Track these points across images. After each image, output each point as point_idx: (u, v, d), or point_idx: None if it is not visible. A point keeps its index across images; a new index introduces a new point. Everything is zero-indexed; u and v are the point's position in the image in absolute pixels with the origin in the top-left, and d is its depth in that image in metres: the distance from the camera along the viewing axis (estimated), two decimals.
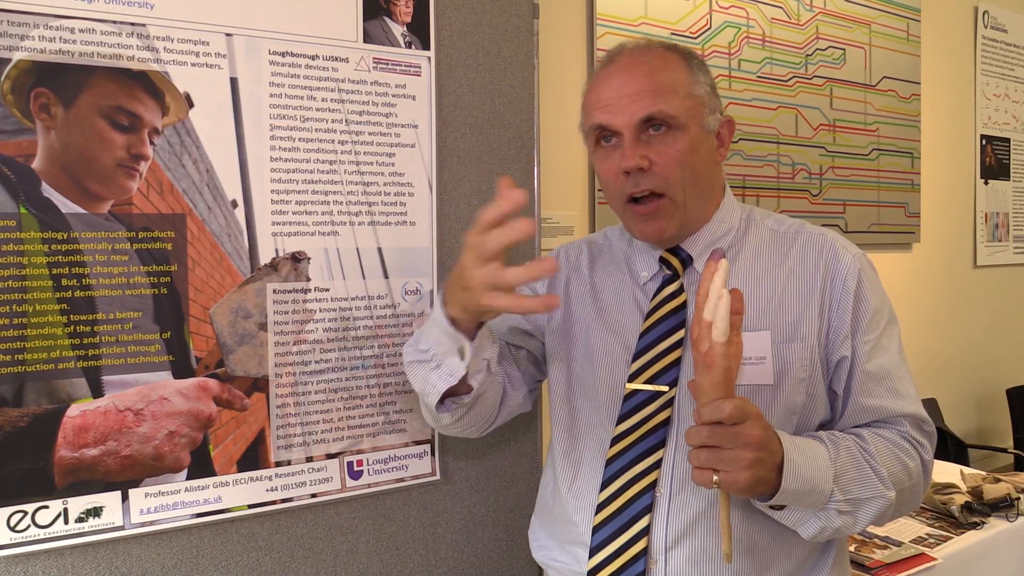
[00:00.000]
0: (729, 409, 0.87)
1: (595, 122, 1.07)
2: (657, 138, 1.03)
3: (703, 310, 0.89)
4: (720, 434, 0.88)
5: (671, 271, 1.11)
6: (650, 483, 1.03)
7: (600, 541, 1.04)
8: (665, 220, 1.05)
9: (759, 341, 1.04)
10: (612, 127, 1.05)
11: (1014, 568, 1.94)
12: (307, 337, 1.31)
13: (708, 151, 1.08)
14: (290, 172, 1.29)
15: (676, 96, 1.03)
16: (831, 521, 0.97)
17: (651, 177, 1.03)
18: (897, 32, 2.82)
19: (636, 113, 1.02)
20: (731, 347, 0.88)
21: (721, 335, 0.87)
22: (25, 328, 1.09)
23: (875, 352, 1.05)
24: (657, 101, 1.02)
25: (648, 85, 1.03)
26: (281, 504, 1.30)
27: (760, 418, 0.91)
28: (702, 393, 0.90)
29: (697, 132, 1.05)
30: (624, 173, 1.03)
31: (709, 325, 0.88)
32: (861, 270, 1.07)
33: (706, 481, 0.89)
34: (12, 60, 1.08)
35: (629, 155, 1.02)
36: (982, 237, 3.28)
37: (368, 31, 1.36)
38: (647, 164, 1.02)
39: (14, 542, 1.09)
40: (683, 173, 1.04)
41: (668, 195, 1.04)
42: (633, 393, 1.06)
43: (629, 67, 1.06)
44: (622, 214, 1.10)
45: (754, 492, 0.92)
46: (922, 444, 1.07)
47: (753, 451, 0.88)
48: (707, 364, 0.88)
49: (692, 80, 1.06)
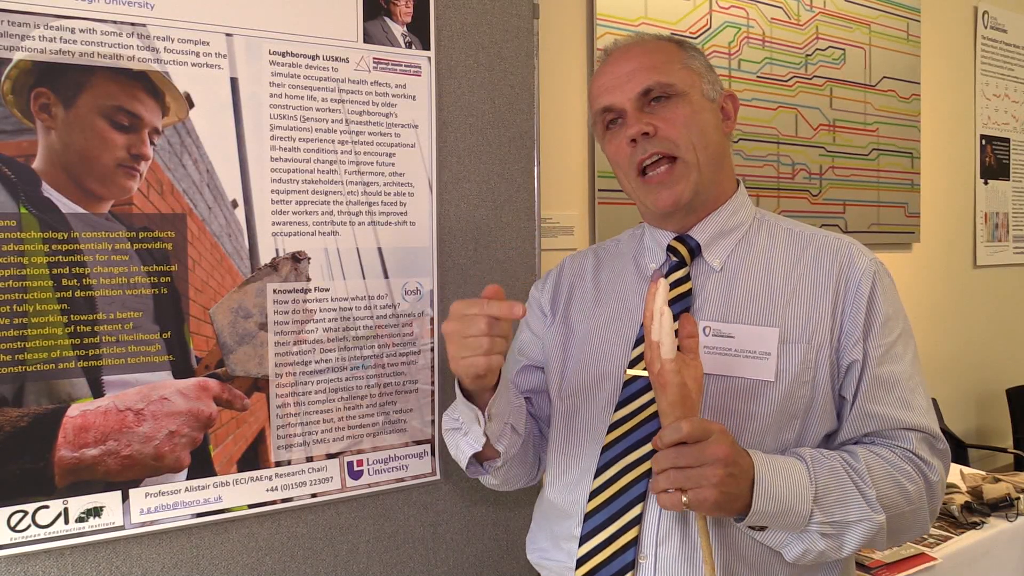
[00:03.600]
0: (687, 428, 0.87)
1: (598, 106, 1.10)
2: (659, 107, 1.06)
3: (651, 333, 0.89)
4: (685, 454, 0.87)
5: (678, 259, 1.10)
6: (645, 471, 1.01)
7: (591, 529, 1.03)
8: (681, 183, 1.06)
9: (767, 337, 1.03)
10: (614, 106, 1.07)
11: (1014, 568, 1.94)
12: (307, 337, 1.31)
13: (713, 119, 1.10)
14: (290, 172, 1.29)
15: (671, 68, 1.07)
16: (814, 544, 0.94)
17: (657, 141, 1.05)
18: (897, 32, 2.82)
19: (635, 87, 1.06)
20: (687, 368, 0.89)
21: (668, 352, 0.88)
22: (25, 328, 1.09)
23: (887, 358, 1.03)
24: (653, 74, 1.06)
25: (643, 62, 1.07)
26: (281, 504, 1.30)
27: (726, 434, 0.90)
28: (663, 415, 0.90)
29: (698, 99, 1.08)
30: (631, 142, 1.05)
31: (659, 345, 0.88)
32: (876, 275, 1.05)
33: (675, 503, 0.88)
34: (12, 60, 1.08)
35: (632, 122, 1.05)
36: (982, 237, 3.28)
37: (368, 31, 1.36)
38: (652, 129, 1.04)
39: (14, 542, 1.09)
40: (690, 133, 1.05)
41: (680, 156, 1.05)
42: (633, 380, 1.06)
43: (624, 52, 1.10)
44: (636, 191, 1.10)
45: (726, 511, 0.91)
46: (929, 464, 1.01)
47: (722, 467, 0.87)
48: (661, 384, 0.89)
49: (686, 55, 1.10)
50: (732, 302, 1.06)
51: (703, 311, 1.07)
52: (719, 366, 1.03)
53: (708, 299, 1.07)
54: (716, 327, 1.05)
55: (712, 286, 1.08)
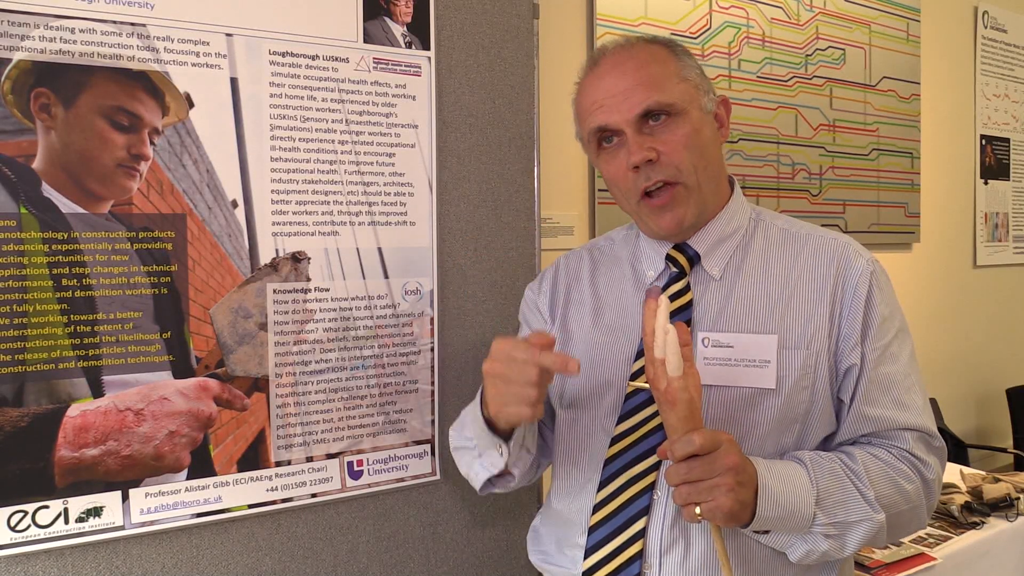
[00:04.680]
0: (699, 440, 0.87)
1: (594, 125, 1.05)
2: (659, 128, 1.02)
3: (653, 350, 0.89)
4: (697, 466, 0.88)
5: (678, 268, 1.09)
6: (648, 485, 1.02)
7: (596, 542, 1.03)
8: (682, 208, 1.04)
9: (766, 344, 1.02)
10: (612, 126, 1.03)
11: (1014, 568, 1.94)
12: (307, 337, 1.31)
13: (711, 132, 1.07)
14: (290, 172, 1.29)
15: (669, 83, 1.03)
16: (818, 544, 0.96)
17: (661, 168, 1.02)
18: (897, 32, 2.82)
19: (634, 108, 1.01)
20: (688, 379, 0.89)
21: (675, 369, 0.88)
22: (25, 328, 1.09)
23: (883, 360, 1.03)
24: (652, 92, 1.01)
25: (640, 78, 1.02)
26: (281, 504, 1.30)
27: (734, 443, 0.91)
28: (672, 430, 0.90)
29: (697, 115, 1.05)
30: (633, 168, 1.02)
31: (663, 362, 0.88)
32: (873, 276, 1.05)
33: (691, 516, 0.89)
34: (12, 60, 1.08)
35: (635, 149, 1.01)
36: (982, 237, 3.28)
37: (368, 31, 1.36)
38: (655, 155, 1.01)
39: (14, 542, 1.09)
40: (692, 156, 1.03)
41: (681, 182, 1.03)
42: (635, 392, 1.06)
43: (616, 65, 1.05)
44: (636, 212, 1.08)
45: (738, 519, 0.91)
46: (925, 463, 1.02)
47: (732, 476, 0.88)
48: (670, 401, 0.89)
49: (681, 65, 1.06)
50: (730, 311, 1.06)
51: (703, 322, 1.06)
52: (720, 377, 1.03)
53: (707, 309, 1.07)
54: (715, 338, 1.04)
55: (711, 295, 1.07)
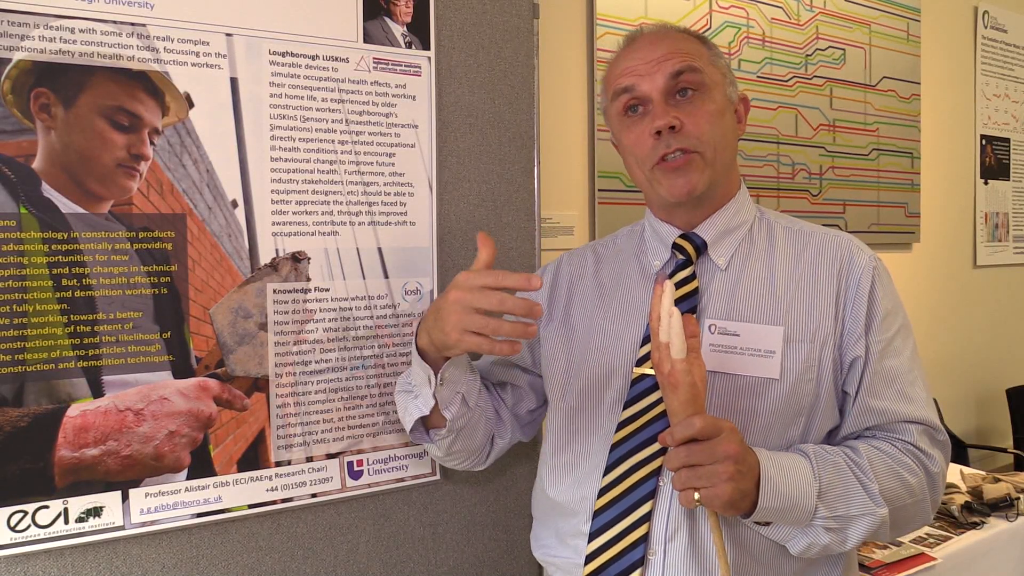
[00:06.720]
0: (700, 424, 0.88)
1: (621, 85, 1.08)
2: (685, 103, 1.06)
3: (658, 334, 0.90)
4: (697, 451, 0.89)
5: (684, 256, 1.10)
6: (654, 470, 1.02)
7: (600, 526, 1.03)
8: (696, 174, 1.06)
9: (771, 335, 1.04)
10: (640, 92, 1.06)
11: (1014, 568, 1.94)
12: (307, 337, 1.31)
13: (731, 122, 1.11)
14: (290, 172, 1.29)
15: (701, 61, 1.07)
16: (819, 538, 0.96)
17: (683, 136, 1.04)
18: (897, 32, 2.82)
19: (666, 71, 1.04)
20: (693, 366, 0.89)
21: (679, 352, 0.88)
22: (25, 328, 1.09)
23: (886, 353, 1.04)
24: (685, 57, 1.05)
25: (674, 48, 1.06)
26: (281, 504, 1.30)
27: (735, 432, 0.91)
28: (673, 415, 0.91)
29: (721, 98, 1.08)
30: (656, 134, 1.04)
31: (667, 346, 0.89)
32: (875, 271, 1.07)
33: (688, 500, 0.89)
34: (12, 60, 1.08)
35: (660, 114, 1.04)
36: (982, 237, 3.28)
37: (368, 31, 1.36)
38: (679, 124, 1.04)
39: (14, 542, 1.09)
40: (713, 132, 1.06)
41: (700, 151, 1.05)
42: (641, 378, 1.06)
43: (653, 39, 1.09)
44: (649, 179, 1.09)
45: (737, 508, 0.92)
46: (930, 456, 1.03)
47: (732, 463, 0.88)
48: (672, 384, 0.89)
49: (712, 54, 1.10)
50: (737, 301, 1.07)
51: (708, 309, 1.07)
52: (724, 364, 1.04)
53: (713, 297, 1.08)
54: (721, 325, 1.05)
55: (717, 284, 1.08)
